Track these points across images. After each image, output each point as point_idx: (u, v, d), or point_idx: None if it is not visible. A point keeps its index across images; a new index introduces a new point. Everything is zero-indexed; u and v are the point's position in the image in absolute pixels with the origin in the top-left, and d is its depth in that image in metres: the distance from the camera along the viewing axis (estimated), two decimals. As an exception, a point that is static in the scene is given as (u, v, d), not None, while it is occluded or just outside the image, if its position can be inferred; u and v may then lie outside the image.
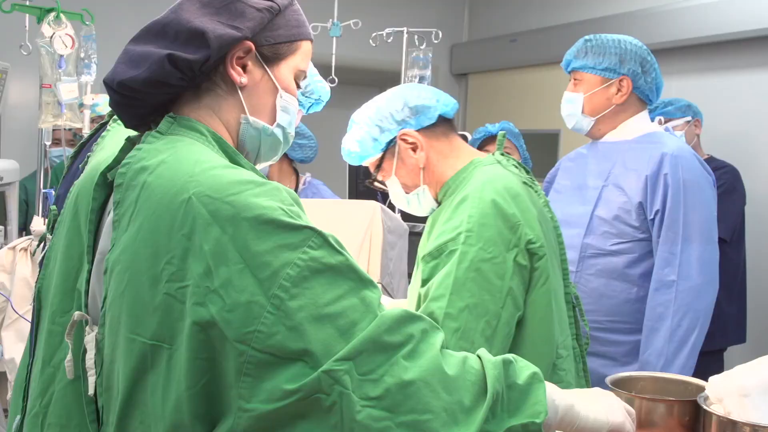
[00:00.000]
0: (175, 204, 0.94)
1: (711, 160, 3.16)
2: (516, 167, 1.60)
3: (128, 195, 0.99)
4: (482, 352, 1.01)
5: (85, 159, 1.42)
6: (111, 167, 1.07)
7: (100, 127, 1.56)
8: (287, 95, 1.14)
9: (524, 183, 1.52)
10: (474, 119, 5.30)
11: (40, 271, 1.28)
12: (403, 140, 1.57)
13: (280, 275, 0.90)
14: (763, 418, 1.11)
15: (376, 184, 1.66)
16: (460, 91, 5.48)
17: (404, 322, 0.93)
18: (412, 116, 1.58)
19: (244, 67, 1.09)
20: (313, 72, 1.82)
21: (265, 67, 1.11)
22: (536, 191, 1.56)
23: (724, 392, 1.17)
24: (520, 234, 1.42)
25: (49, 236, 1.37)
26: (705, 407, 1.18)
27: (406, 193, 1.62)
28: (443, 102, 1.59)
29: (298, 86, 1.17)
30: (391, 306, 1.92)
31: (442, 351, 0.95)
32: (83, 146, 1.58)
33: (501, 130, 3.07)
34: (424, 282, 1.45)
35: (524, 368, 1.00)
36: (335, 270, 0.92)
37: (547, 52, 4.38)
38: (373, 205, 2.26)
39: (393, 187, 1.63)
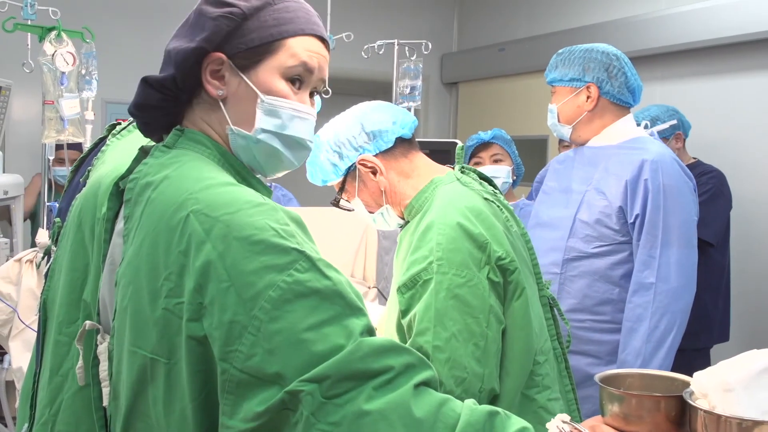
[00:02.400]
0: (174, 221, 0.94)
1: (697, 165, 3.20)
2: (477, 181, 1.59)
3: (136, 210, 1.00)
4: (469, 401, 0.95)
5: (86, 173, 1.43)
6: (123, 176, 1.08)
7: (99, 141, 1.59)
8: (271, 98, 1.08)
9: (485, 199, 1.52)
10: (464, 127, 5.36)
11: (45, 283, 1.29)
12: (363, 165, 1.57)
13: (262, 296, 0.88)
14: (746, 411, 1.12)
15: (341, 203, 1.65)
16: (451, 100, 5.53)
17: (385, 353, 0.89)
18: (369, 141, 1.56)
19: (223, 79, 1.07)
20: None
21: (241, 74, 1.07)
22: (499, 205, 1.55)
23: (709, 387, 1.18)
24: (489, 252, 1.42)
25: (53, 248, 1.39)
26: (690, 402, 1.18)
27: (371, 212, 1.62)
28: (400, 124, 1.58)
29: (300, 84, 1.11)
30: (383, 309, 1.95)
31: (421, 389, 0.89)
32: (83, 160, 1.59)
33: (493, 137, 3.14)
34: (404, 313, 1.45)
35: (512, 422, 0.93)
36: (320, 294, 0.89)
37: (534, 60, 4.40)
38: (365, 218, 2.31)
39: (358, 207, 1.64)
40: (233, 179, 1.03)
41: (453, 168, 1.61)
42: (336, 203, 1.66)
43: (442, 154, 2.60)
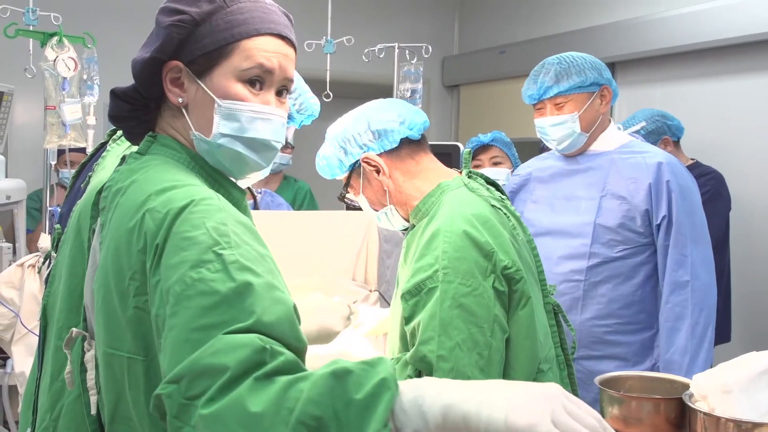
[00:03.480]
0: (133, 222, 0.96)
1: (696, 166, 3.21)
2: (484, 187, 1.58)
3: (108, 216, 1.03)
4: (325, 367, 0.85)
5: (87, 178, 1.44)
6: (104, 185, 1.10)
7: (100, 146, 1.61)
8: (229, 102, 1.07)
9: (492, 206, 1.51)
10: (465, 129, 5.36)
11: (45, 288, 1.31)
12: (366, 163, 1.56)
13: (170, 291, 0.89)
14: (745, 413, 1.15)
15: (348, 198, 1.65)
16: (452, 102, 5.54)
17: (237, 348, 0.83)
18: (374, 140, 1.55)
19: (182, 86, 1.08)
20: (305, 89, 1.84)
21: (197, 80, 1.07)
22: (506, 212, 1.54)
23: (708, 389, 1.20)
24: (495, 261, 1.41)
25: (54, 254, 1.40)
26: (690, 404, 1.21)
27: (375, 210, 1.62)
28: (408, 125, 1.56)
29: (260, 85, 1.10)
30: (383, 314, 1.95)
31: (265, 381, 0.82)
32: (85, 166, 1.61)
33: (493, 140, 3.15)
34: (407, 320, 1.45)
35: (368, 377, 0.82)
36: (220, 296, 0.87)
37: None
38: (369, 216, 2.32)
39: (363, 203, 1.64)
40: (198, 181, 1.04)
41: (460, 172, 1.60)
42: (342, 198, 1.66)
43: (443, 156, 2.59)
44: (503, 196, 1.61)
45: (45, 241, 2.44)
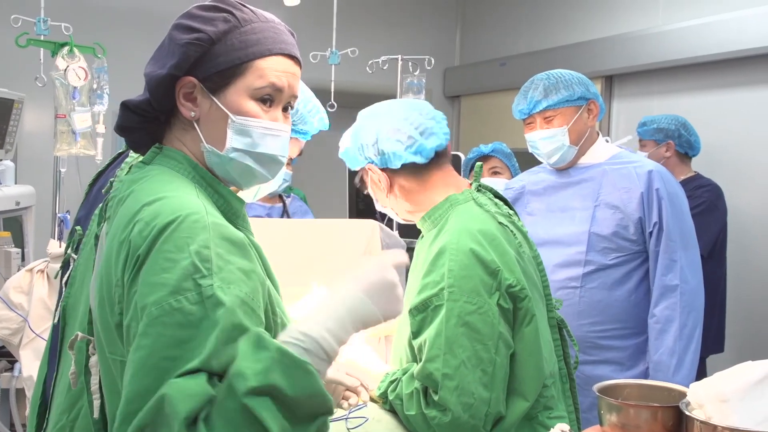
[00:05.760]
0: (125, 233, 0.99)
1: (696, 178, 3.24)
2: (493, 201, 1.59)
3: (110, 226, 1.06)
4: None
5: (108, 184, 1.44)
6: (110, 197, 1.13)
7: (119, 155, 1.64)
8: (242, 118, 1.10)
9: (500, 223, 1.52)
10: (466, 139, 5.39)
11: (65, 290, 1.33)
12: (370, 170, 1.59)
13: (146, 310, 0.91)
14: (742, 421, 1.15)
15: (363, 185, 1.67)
16: (453, 113, 5.56)
17: (182, 399, 0.87)
18: (377, 156, 1.56)
19: (195, 101, 1.11)
20: (317, 106, 1.86)
21: (212, 96, 1.09)
22: (512, 230, 1.55)
23: (705, 398, 1.21)
24: (500, 279, 1.43)
25: (74, 256, 1.41)
26: (687, 413, 1.22)
27: (382, 207, 1.66)
28: (415, 149, 1.54)
29: (270, 102, 1.13)
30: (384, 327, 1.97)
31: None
32: (101, 174, 1.63)
33: (492, 151, 3.18)
34: (414, 334, 1.47)
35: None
36: (195, 331, 0.90)
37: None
38: (372, 224, 2.30)
39: (372, 195, 1.67)
40: (193, 191, 1.06)
41: (470, 185, 1.61)
42: (358, 185, 1.68)
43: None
44: (511, 212, 1.62)
45: (54, 246, 2.46)
